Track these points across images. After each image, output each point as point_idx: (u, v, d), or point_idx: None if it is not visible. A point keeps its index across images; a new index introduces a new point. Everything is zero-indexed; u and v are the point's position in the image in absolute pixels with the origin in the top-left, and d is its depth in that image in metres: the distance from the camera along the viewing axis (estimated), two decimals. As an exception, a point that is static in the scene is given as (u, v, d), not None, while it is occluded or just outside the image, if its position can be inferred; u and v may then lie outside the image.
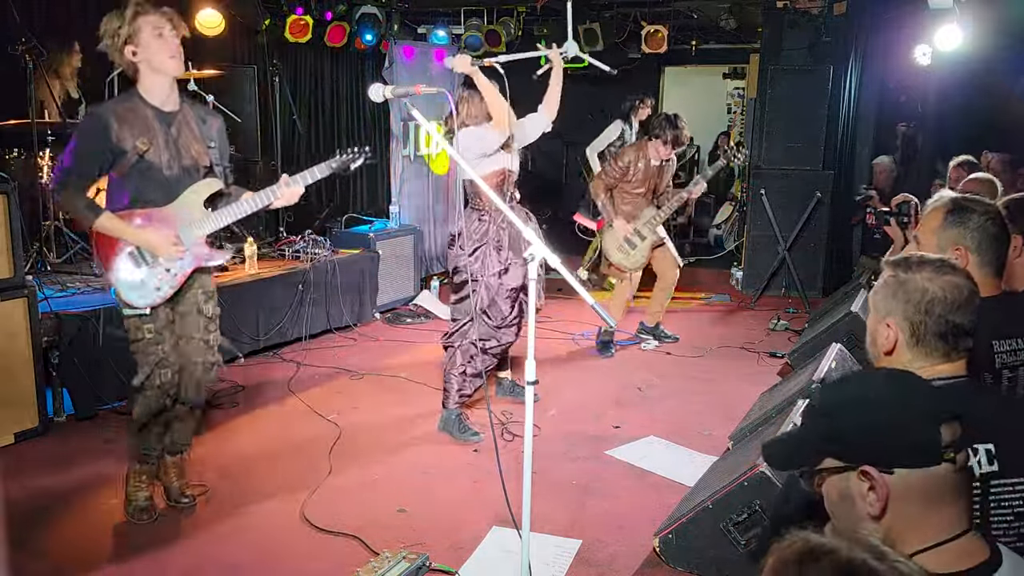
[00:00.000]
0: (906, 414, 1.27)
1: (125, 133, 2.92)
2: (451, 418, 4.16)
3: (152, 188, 3.00)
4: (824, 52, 7.25)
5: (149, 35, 2.92)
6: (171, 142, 3.01)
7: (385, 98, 2.87)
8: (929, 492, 1.25)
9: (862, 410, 1.29)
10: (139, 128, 2.94)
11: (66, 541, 3.09)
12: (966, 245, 2.00)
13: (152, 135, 2.96)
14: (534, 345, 2.39)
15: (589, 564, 2.99)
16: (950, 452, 1.24)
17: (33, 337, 3.95)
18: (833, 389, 1.38)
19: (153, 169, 2.98)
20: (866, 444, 1.27)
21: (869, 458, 1.26)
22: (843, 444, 1.30)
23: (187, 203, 3.06)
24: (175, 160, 3.02)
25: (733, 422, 4.17)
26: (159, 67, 2.95)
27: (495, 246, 4.11)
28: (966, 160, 5.03)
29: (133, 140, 2.92)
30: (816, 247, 7.39)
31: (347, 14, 7.73)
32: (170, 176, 3.02)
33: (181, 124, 3.05)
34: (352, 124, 8.63)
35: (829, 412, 1.34)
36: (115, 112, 2.94)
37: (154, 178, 2.99)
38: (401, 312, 6.62)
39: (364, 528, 3.18)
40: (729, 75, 10.91)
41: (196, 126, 3.09)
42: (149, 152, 2.95)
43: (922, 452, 1.24)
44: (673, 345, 5.84)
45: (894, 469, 1.24)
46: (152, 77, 2.97)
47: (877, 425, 1.27)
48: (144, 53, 2.92)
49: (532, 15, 8.51)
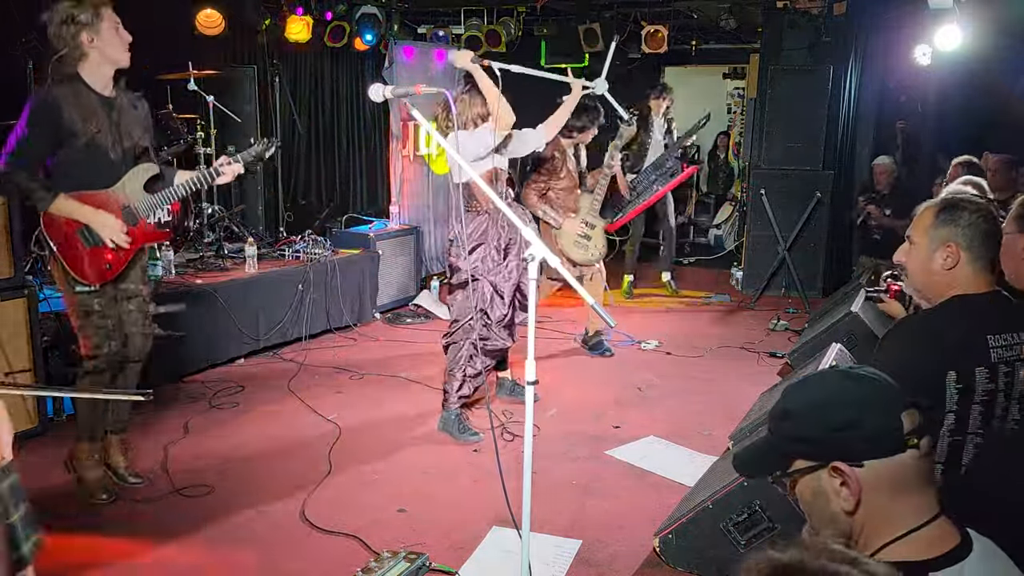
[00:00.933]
0: (866, 407, 1.31)
1: (74, 116, 3.03)
2: (451, 418, 4.16)
3: (97, 171, 3.14)
4: (824, 52, 7.25)
5: (109, 28, 3.06)
6: (113, 126, 3.14)
7: (385, 98, 2.87)
8: (897, 481, 1.29)
9: (823, 409, 1.34)
10: (86, 112, 3.06)
11: (66, 541, 3.09)
12: (957, 242, 2.03)
13: (98, 119, 3.08)
14: (534, 345, 2.39)
15: (589, 564, 3.00)
16: (913, 438, 1.29)
17: (33, 337, 3.96)
18: (792, 392, 1.41)
19: (100, 152, 3.11)
20: (832, 441, 1.31)
21: (837, 454, 1.30)
22: (809, 444, 1.34)
23: (128, 187, 3.22)
24: (118, 144, 3.16)
25: (733, 422, 4.17)
26: (114, 59, 3.10)
27: (494, 246, 4.11)
28: (967, 160, 5.03)
29: (82, 123, 3.04)
30: (816, 247, 7.39)
31: (347, 14, 7.72)
32: (115, 159, 3.16)
33: (120, 109, 3.18)
34: (352, 124, 8.62)
35: (791, 414, 1.38)
36: (63, 95, 3.03)
37: (100, 161, 3.14)
38: (401, 312, 6.62)
39: (364, 528, 3.18)
40: (729, 75, 10.90)
41: (132, 112, 3.23)
42: (98, 135, 3.07)
43: (886, 442, 1.29)
44: (673, 345, 5.84)
45: (863, 462, 1.28)
46: (100, 66, 3.10)
47: (839, 421, 1.31)
48: (100, 43, 3.05)
49: (532, 15, 8.51)
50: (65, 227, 3.11)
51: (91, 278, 3.17)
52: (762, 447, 1.46)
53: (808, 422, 1.34)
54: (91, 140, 3.06)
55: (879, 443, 1.29)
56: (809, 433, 1.34)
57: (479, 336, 4.12)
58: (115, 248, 3.18)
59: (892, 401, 1.31)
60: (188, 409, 4.46)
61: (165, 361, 4.69)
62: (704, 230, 10.35)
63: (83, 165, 3.09)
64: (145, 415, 4.32)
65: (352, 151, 8.66)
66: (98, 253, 3.17)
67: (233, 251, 5.87)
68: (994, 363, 1.97)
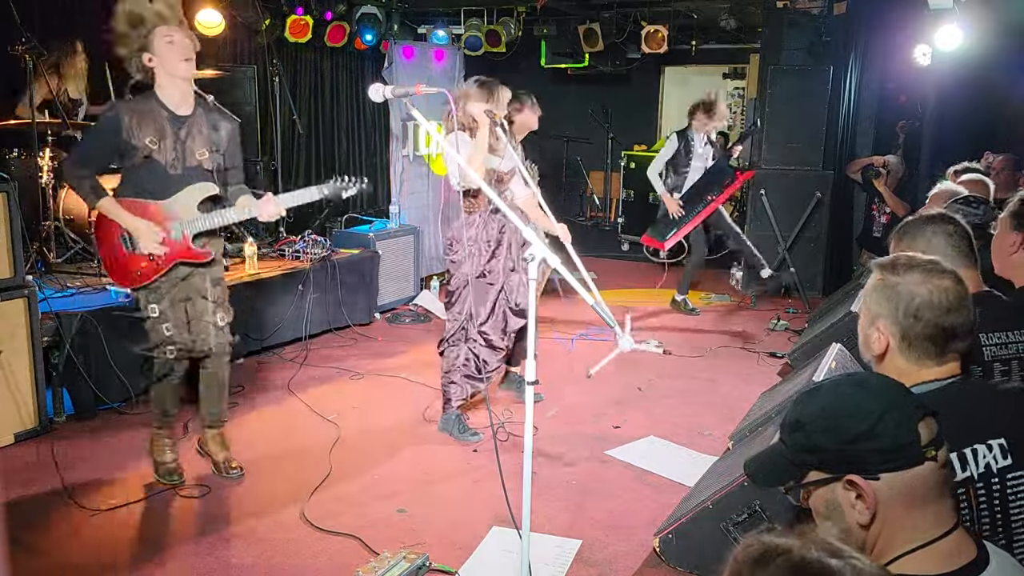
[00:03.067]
0: (881, 418, 1.25)
1: (137, 131, 3.21)
2: (451, 419, 4.16)
3: (153, 184, 3.30)
4: (824, 52, 7.25)
5: (161, 43, 3.19)
6: (178, 144, 3.28)
7: (385, 98, 2.87)
8: (915, 493, 1.24)
9: (837, 420, 1.28)
10: (151, 128, 3.23)
11: (66, 541, 3.09)
12: None
13: (162, 135, 3.24)
14: (534, 345, 2.39)
15: (589, 564, 3.00)
16: (931, 449, 1.24)
17: (33, 337, 3.95)
18: (804, 401, 1.36)
19: (157, 167, 3.27)
20: (846, 453, 1.26)
21: (853, 467, 1.25)
22: (823, 455, 1.29)
23: (181, 202, 3.33)
24: (179, 161, 3.30)
25: (733, 422, 4.17)
26: (172, 71, 3.24)
27: (492, 247, 4.11)
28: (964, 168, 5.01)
29: (141, 138, 3.21)
30: (816, 247, 7.39)
31: (347, 14, 7.73)
32: (173, 175, 3.30)
33: (191, 128, 3.32)
34: (352, 124, 8.63)
35: (802, 425, 1.32)
36: (132, 110, 3.23)
37: (157, 175, 3.28)
38: (401, 312, 6.62)
39: (364, 528, 3.18)
40: (729, 75, 10.89)
41: (206, 131, 3.36)
42: (155, 151, 3.23)
43: (904, 454, 1.23)
44: (673, 345, 5.84)
45: (879, 475, 1.24)
46: (167, 81, 3.27)
47: (854, 433, 1.25)
48: (159, 60, 3.21)
49: (532, 15, 8.51)
50: (111, 229, 3.32)
51: (118, 280, 3.40)
52: (774, 457, 1.40)
53: (821, 433, 1.29)
54: (148, 155, 3.23)
55: (896, 456, 1.23)
56: (822, 445, 1.28)
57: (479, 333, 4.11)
58: (150, 258, 3.31)
59: (908, 410, 1.26)
60: (187, 409, 4.44)
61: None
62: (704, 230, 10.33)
63: (140, 176, 3.29)
64: (144, 415, 4.32)
65: (352, 151, 8.66)
66: (133, 260, 3.33)
67: (233, 251, 5.87)
68: (988, 362, 1.97)
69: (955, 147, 5.77)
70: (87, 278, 4.95)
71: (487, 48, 8.33)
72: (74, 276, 5.00)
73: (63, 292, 4.62)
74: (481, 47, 8.31)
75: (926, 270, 1.68)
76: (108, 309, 4.36)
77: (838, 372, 3.54)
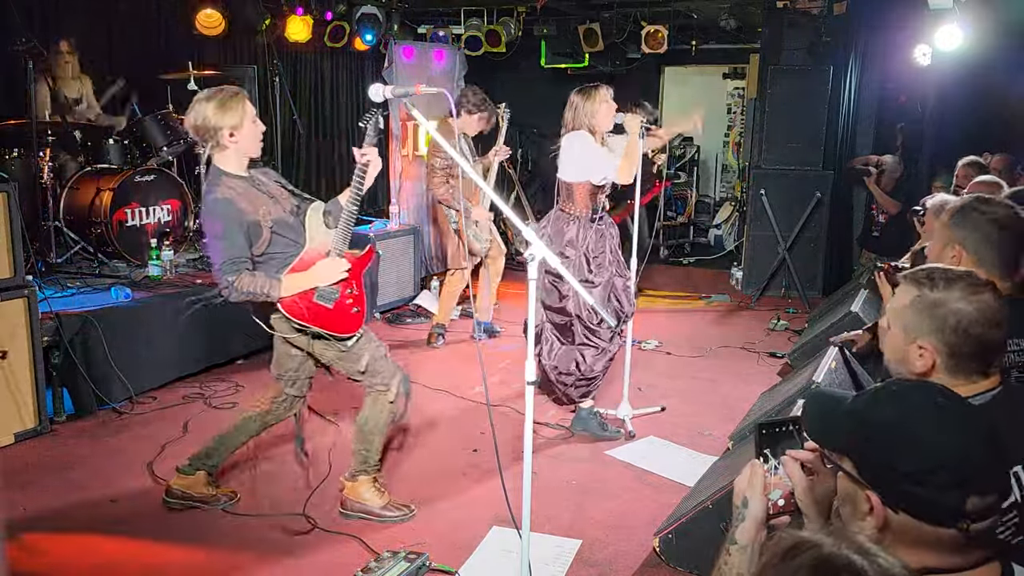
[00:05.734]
0: (934, 471, 1.14)
1: (247, 207, 3.00)
2: (589, 419, 4.17)
3: (291, 239, 3.11)
4: (824, 52, 7.25)
5: (249, 123, 3.04)
6: (272, 200, 3.12)
7: (385, 98, 2.87)
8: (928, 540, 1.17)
9: (894, 443, 1.19)
10: (248, 198, 3.02)
11: (66, 541, 3.09)
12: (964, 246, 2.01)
13: (261, 198, 3.07)
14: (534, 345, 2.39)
15: (589, 564, 3.00)
16: (966, 523, 1.14)
17: (33, 337, 3.95)
18: (889, 399, 1.26)
19: (283, 223, 3.09)
20: (883, 477, 1.19)
21: (880, 488, 1.19)
22: (863, 458, 1.23)
23: (316, 237, 3.15)
24: (283, 208, 3.14)
25: (733, 422, 4.17)
26: (251, 152, 3.10)
27: (593, 252, 4.09)
28: (974, 161, 5.02)
29: (255, 210, 3.01)
30: (816, 247, 7.39)
31: (347, 14, 7.73)
32: (294, 223, 3.14)
33: (259, 181, 3.14)
34: (352, 124, 8.62)
35: (867, 424, 1.24)
36: (230, 191, 2.99)
37: (288, 230, 3.11)
38: (401, 312, 6.62)
39: (364, 528, 3.19)
40: (729, 75, 10.88)
41: (268, 180, 3.21)
42: (271, 214, 3.06)
43: (935, 513, 1.15)
44: (673, 345, 5.84)
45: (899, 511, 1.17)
46: (238, 156, 3.07)
47: (903, 469, 1.17)
48: (240, 137, 3.03)
49: (532, 15, 8.51)
50: (303, 302, 3.06)
51: (354, 327, 3.16)
52: (833, 419, 1.31)
53: (875, 443, 1.21)
54: (273, 220, 3.06)
55: (926, 510, 1.15)
56: (869, 453, 1.22)
57: (583, 337, 4.09)
58: (350, 292, 3.15)
59: (968, 472, 1.14)
60: (187, 408, 4.46)
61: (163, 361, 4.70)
62: (704, 230, 10.34)
63: (280, 242, 3.08)
64: (144, 415, 4.32)
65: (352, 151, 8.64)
66: (342, 306, 3.13)
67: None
68: (1007, 368, 1.94)
69: (955, 147, 5.76)
70: (87, 278, 4.95)
71: (487, 48, 8.33)
72: (74, 276, 5.00)
73: (63, 292, 4.63)
74: (481, 47, 8.31)
75: (968, 284, 1.64)
76: (108, 309, 4.36)
77: (838, 372, 3.53)
